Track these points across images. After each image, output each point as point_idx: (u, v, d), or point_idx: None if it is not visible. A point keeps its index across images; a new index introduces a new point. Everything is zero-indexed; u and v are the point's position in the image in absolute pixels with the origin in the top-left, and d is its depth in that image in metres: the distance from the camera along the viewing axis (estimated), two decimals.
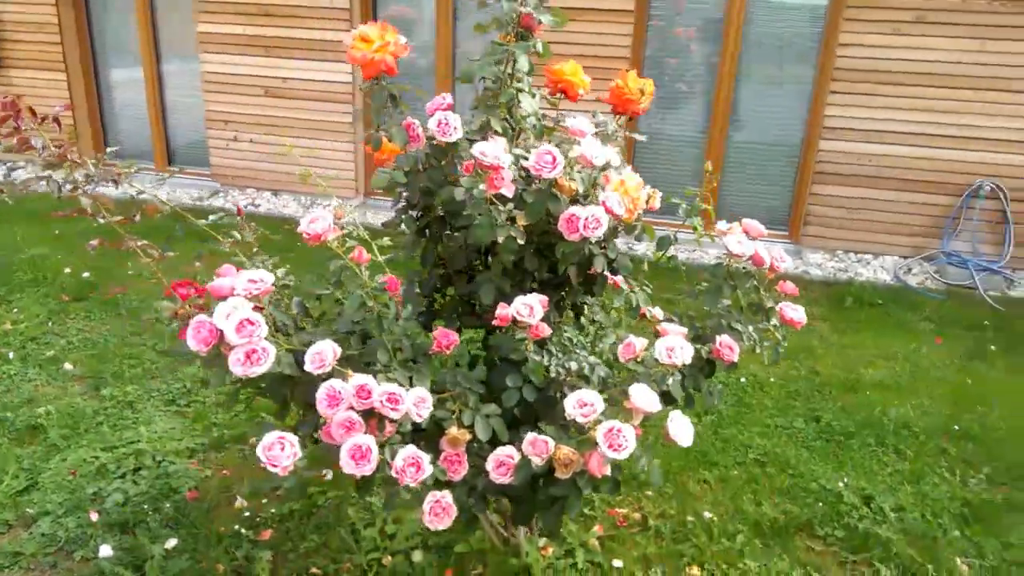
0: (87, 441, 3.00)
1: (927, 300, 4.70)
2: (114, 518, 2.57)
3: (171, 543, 2.47)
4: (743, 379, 3.59)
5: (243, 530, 2.54)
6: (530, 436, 1.50)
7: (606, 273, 1.93)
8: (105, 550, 2.42)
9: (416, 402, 1.46)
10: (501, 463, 1.56)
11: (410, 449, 1.43)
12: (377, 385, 1.42)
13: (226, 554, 2.43)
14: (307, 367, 1.46)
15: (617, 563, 2.42)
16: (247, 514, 2.61)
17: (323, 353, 1.45)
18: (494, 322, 1.64)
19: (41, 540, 2.49)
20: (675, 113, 5.63)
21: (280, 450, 1.36)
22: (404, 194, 1.87)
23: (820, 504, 2.75)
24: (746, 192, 5.58)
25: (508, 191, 1.59)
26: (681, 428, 1.55)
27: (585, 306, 2.03)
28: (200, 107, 6.41)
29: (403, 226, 1.88)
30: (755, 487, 2.85)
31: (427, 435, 1.64)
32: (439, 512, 1.54)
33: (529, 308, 1.58)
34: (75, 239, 5.20)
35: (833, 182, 5.26)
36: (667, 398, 1.73)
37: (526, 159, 1.65)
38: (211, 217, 1.96)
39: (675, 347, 1.56)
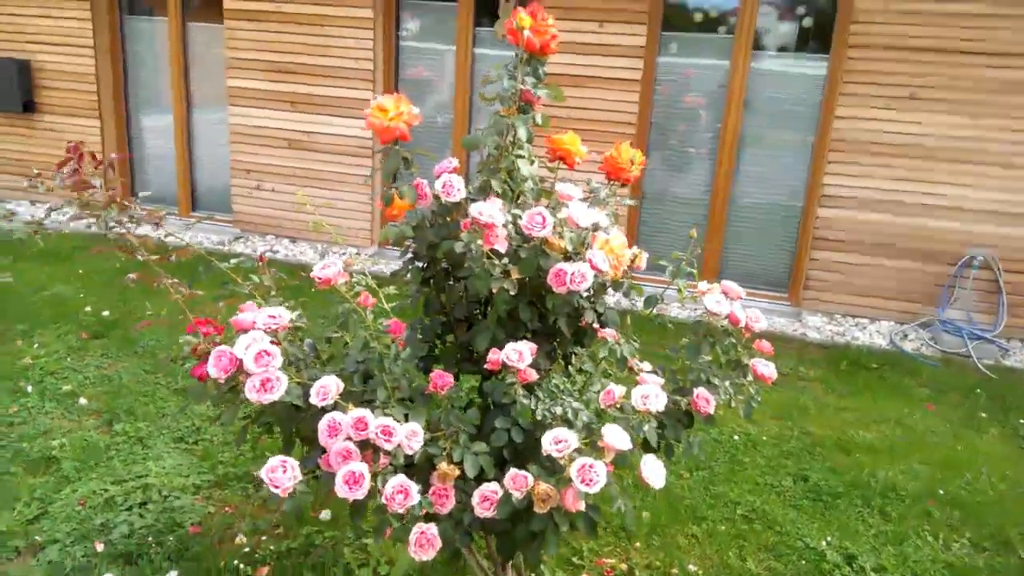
0: (98, 474, 3.12)
1: (922, 366, 4.79)
2: (119, 549, 2.67)
3: (172, 575, 2.56)
4: (736, 436, 3.68)
5: (241, 565, 2.63)
6: (512, 472, 1.62)
7: (595, 326, 2.07)
8: None
9: (408, 435, 1.59)
10: (485, 498, 1.67)
11: (400, 478, 1.55)
12: (374, 418, 1.55)
13: None
14: (312, 399, 1.60)
15: None
16: (246, 550, 2.71)
17: (327, 387, 1.59)
18: (486, 367, 1.77)
19: (48, 567, 2.59)
20: (680, 176, 5.84)
21: (282, 472, 1.49)
22: (411, 246, 2.04)
23: (803, 562, 2.81)
24: (748, 254, 5.74)
25: (502, 247, 1.75)
26: (654, 471, 1.66)
27: (574, 356, 2.16)
28: (225, 156, 6.70)
29: (409, 276, 2.04)
30: (741, 543, 2.92)
31: (418, 469, 1.76)
32: (424, 543, 1.65)
33: (519, 354, 1.72)
34: (97, 278, 5.41)
35: (832, 248, 5.41)
36: (647, 446, 1.85)
37: (521, 218, 1.81)
38: (232, 261, 2.12)
39: (649, 395, 1.69)
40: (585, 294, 1.90)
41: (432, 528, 1.64)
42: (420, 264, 2.09)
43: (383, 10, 6.05)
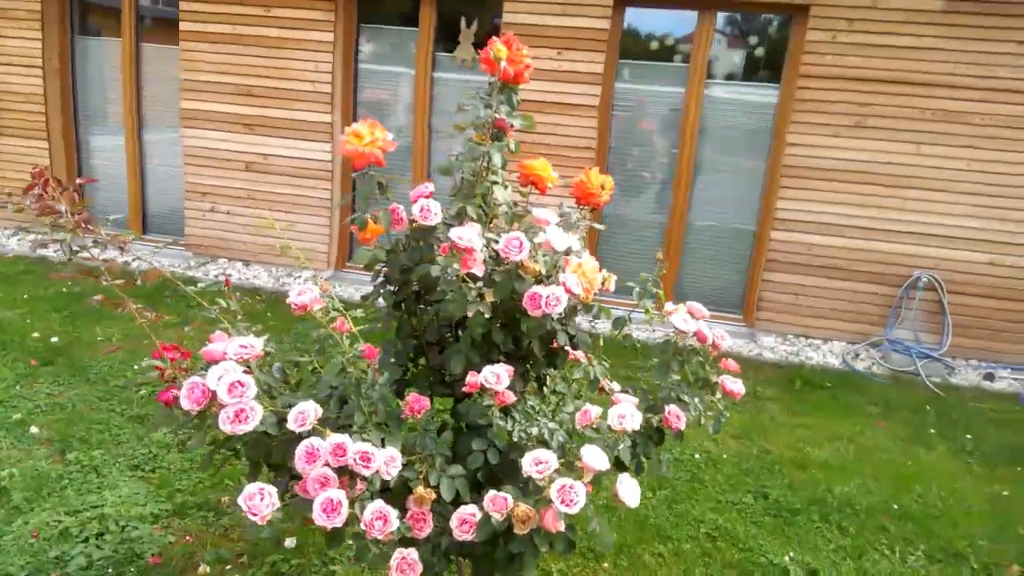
0: (50, 504, 3.01)
1: (873, 384, 4.95)
2: None
3: None
4: (697, 455, 3.74)
5: None
6: (491, 494, 1.63)
7: (567, 348, 2.10)
8: None
9: (387, 460, 1.58)
10: (464, 520, 1.67)
11: (378, 503, 1.54)
12: (352, 444, 1.55)
13: None
14: (290, 425, 1.59)
15: None
16: None
17: (306, 413, 1.58)
18: (464, 389, 1.78)
19: None
20: (638, 199, 5.96)
21: (260, 500, 1.47)
22: (383, 270, 2.04)
23: None
24: (703, 276, 5.87)
25: (479, 271, 1.77)
26: (629, 490, 1.69)
27: (547, 377, 2.19)
28: (179, 178, 6.59)
29: (381, 299, 2.04)
30: (707, 560, 2.96)
31: (394, 494, 1.76)
32: (405, 568, 1.64)
33: (496, 376, 1.74)
34: (45, 304, 5.25)
35: (784, 270, 5.57)
36: (620, 465, 1.88)
37: (496, 243, 1.83)
38: (200, 284, 2.10)
39: (626, 414, 1.72)
40: (557, 316, 1.93)
41: (412, 553, 1.64)
42: (392, 288, 2.09)
43: (343, 34, 6.07)
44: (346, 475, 1.57)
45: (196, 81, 6.30)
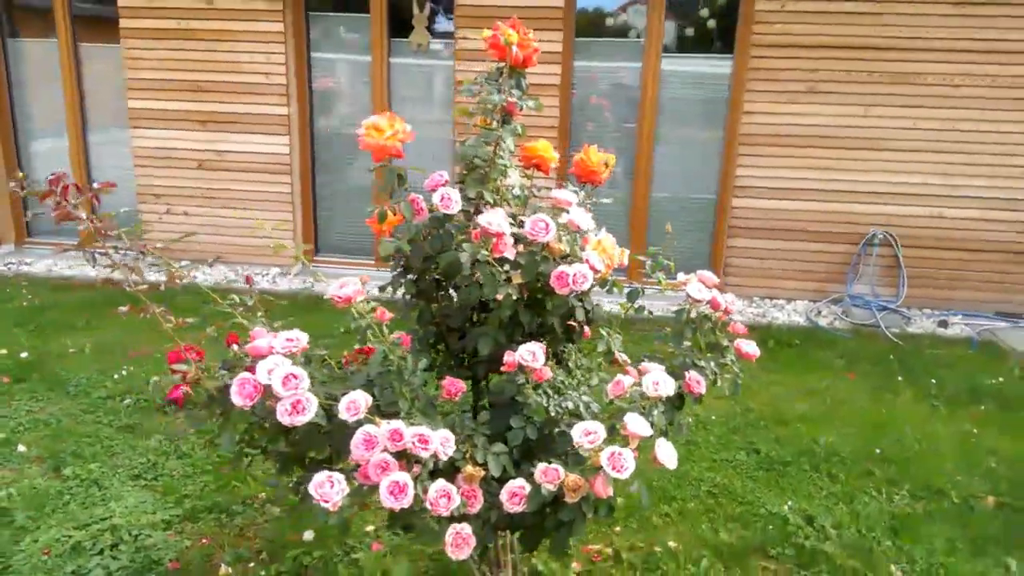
0: (56, 521, 2.96)
1: (837, 339, 5.18)
2: None
3: None
4: (689, 419, 3.88)
5: None
6: (541, 466, 1.70)
7: (583, 323, 2.17)
8: None
9: (442, 441, 1.64)
10: (514, 494, 1.74)
11: (441, 482, 1.60)
12: (407, 428, 1.60)
13: None
14: (341, 415, 1.62)
15: None
16: None
17: (357, 402, 1.62)
18: (503, 368, 1.84)
19: None
20: None
21: (330, 487, 1.51)
22: (403, 260, 2.08)
23: (770, 527, 3.02)
24: (670, 245, 6.01)
25: (510, 254, 1.82)
26: (667, 453, 1.78)
27: (564, 352, 2.26)
28: (130, 180, 6.41)
29: (403, 288, 2.08)
30: (711, 516, 3.10)
31: (441, 474, 1.81)
32: (460, 543, 1.70)
33: (532, 354, 1.80)
34: (4, 319, 5.08)
35: (746, 235, 5.76)
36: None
37: (518, 226, 1.89)
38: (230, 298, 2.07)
39: (660, 381, 1.81)
40: (578, 293, 2.00)
41: (466, 527, 1.70)
42: (412, 276, 2.13)
43: (293, 23, 5.97)
44: (403, 458, 1.61)
45: (142, 80, 6.13)
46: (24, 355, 4.49)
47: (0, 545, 2.80)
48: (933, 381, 4.48)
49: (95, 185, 1.89)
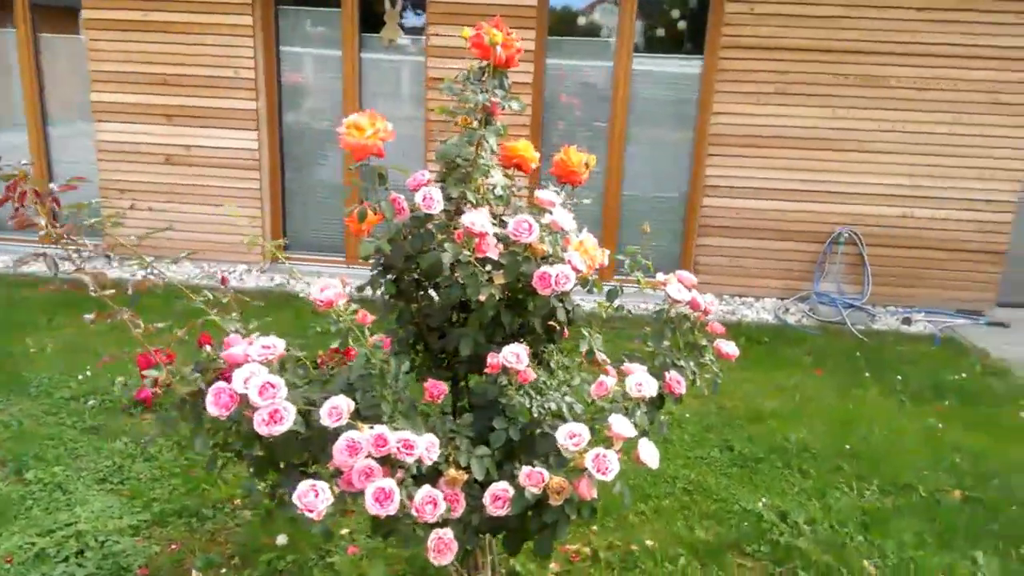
0: (19, 527, 2.87)
1: (805, 336, 5.26)
2: None
3: None
4: (664, 417, 3.90)
5: None
6: (526, 470, 1.69)
7: (563, 323, 2.17)
8: None
9: (427, 447, 1.62)
10: (497, 497, 1.73)
11: (427, 489, 1.58)
12: (392, 433, 1.58)
13: None
14: (323, 420, 1.59)
15: None
16: None
17: (339, 407, 1.59)
18: (486, 369, 1.83)
19: None
20: None
21: (314, 496, 1.48)
22: (382, 260, 2.05)
23: (744, 524, 3.05)
24: (646, 244, 6.05)
25: (493, 254, 1.81)
26: (650, 452, 1.78)
27: (544, 353, 2.25)
28: (93, 175, 6.24)
29: (383, 288, 2.05)
30: (686, 514, 3.12)
31: (424, 479, 1.79)
32: (442, 549, 1.68)
33: (516, 356, 1.79)
34: None
35: (716, 233, 5.82)
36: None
37: (501, 226, 1.88)
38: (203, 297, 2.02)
39: (643, 382, 1.81)
40: (560, 294, 1.99)
41: (448, 532, 1.68)
42: (391, 277, 2.10)
43: (262, 17, 5.87)
44: (387, 464, 1.59)
45: (106, 72, 5.97)
46: None
47: None
48: (899, 377, 4.57)
49: (54, 188, 1.83)
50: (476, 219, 1.75)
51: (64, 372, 4.16)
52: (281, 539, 2.84)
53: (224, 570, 2.70)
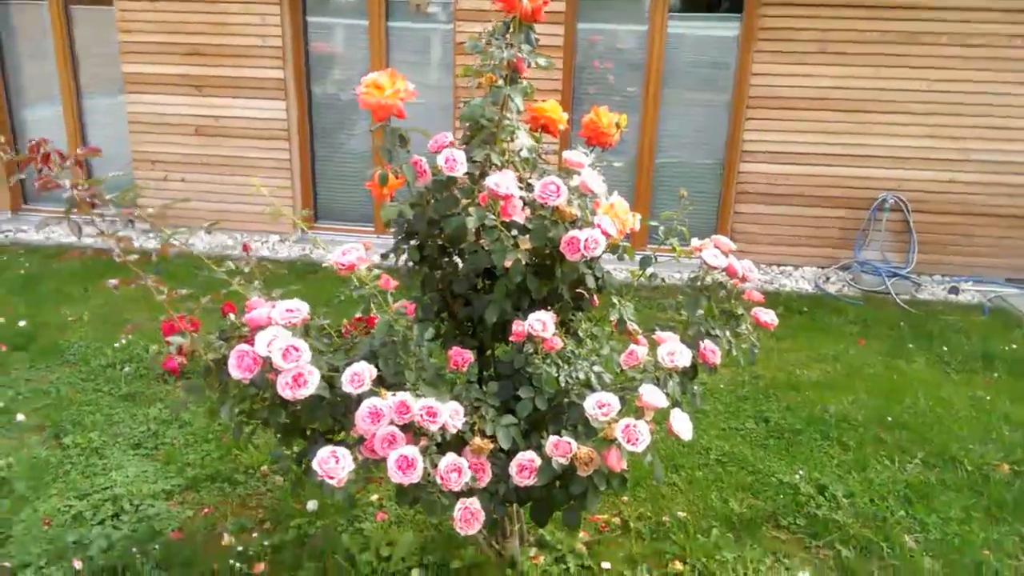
0: (57, 490, 2.93)
1: (847, 306, 5.11)
2: (100, 564, 2.53)
3: None
4: (697, 387, 3.82)
5: (237, 564, 2.55)
6: (553, 439, 1.64)
7: (592, 290, 2.10)
8: None
9: (451, 414, 1.58)
10: (523, 467, 1.68)
11: (451, 457, 1.54)
12: (415, 401, 1.53)
13: None
14: (344, 387, 1.56)
15: (605, 565, 2.57)
16: (239, 549, 2.62)
17: (361, 373, 1.55)
18: (511, 337, 1.77)
19: None
20: None
21: (335, 463, 1.45)
22: (405, 225, 1.99)
23: (781, 496, 2.98)
24: (682, 210, 5.92)
25: (520, 218, 1.74)
26: (682, 423, 1.72)
27: (572, 321, 2.19)
28: (126, 147, 6.29)
29: (407, 255, 2.00)
30: (720, 485, 3.06)
31: (448, 447, 1.75)
32: (469, 519, 1.65)
33: (543, 324, 1.73)
34: (0, 287, 5.02)
35: (754, 200, 5.65)
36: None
37: (527, 189, 1.80)
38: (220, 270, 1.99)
39: (676, 351, 1.74)
40: (589, 259, 1.92)
41: (475, 502, 1.64)
42: (415, 243, 2.05)
43: None
44: (410, 431, 1.55)
45: (136, 43, 5.97)
46: (22, 324, 4.43)
47: (1, 515, 2.76)
48: (945, 348, 4.41)
49: (79, 151, 1.80)
50: (501, 181, 1.68)
51: (100, 340, 4.21)
52: (311, 505, 2.85)
53: (255, 534, 2.72)
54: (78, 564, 2.52)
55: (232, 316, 1.90)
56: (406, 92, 1.76)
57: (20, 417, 3.44)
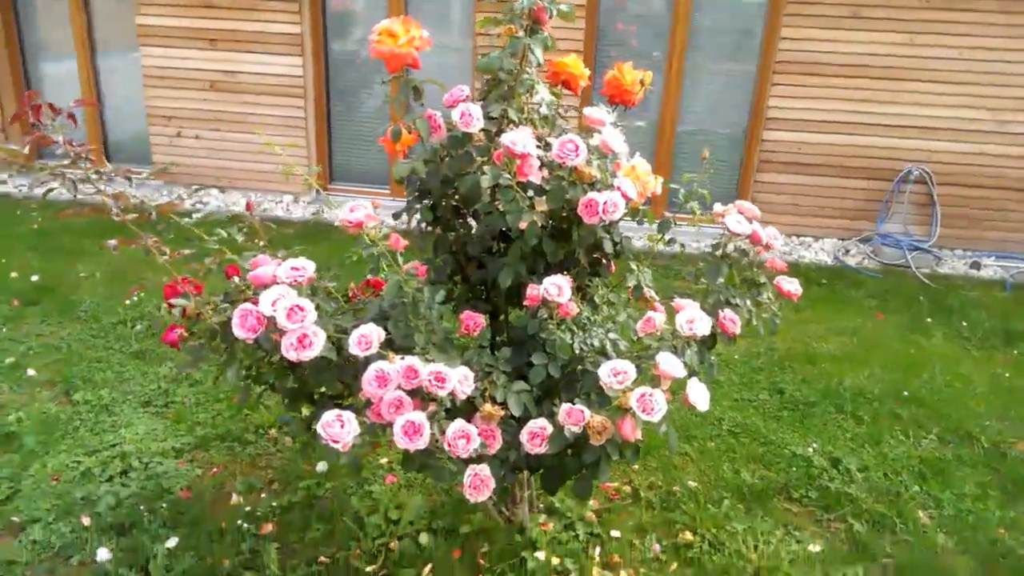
0: (66, 446, 2.93)
1: (866, 279, 5.01)
2: (108, 521, 2.53)
3: (172, 542, 2.45)
4: (714, 357, 3.77)
5: (245, 524, 2.54)
6: (565, 407, 1.60)
7: (610, 255, 2.03)
8: (103, 553, 2.39)
9: (461, 380, 1.53)
10: (535, 435, 1.64)
11: (459, 423, 1.50)
12: (423, 365, 1.49)
13: (231, 547, 2.44)
14: (352, 349, 1.51)
15: (615, 533, 2.54)
16: (247, 509, 2.62)
17: (368, 336, 1.50)
18: (525, 302, 1.72)
19: (34, 547, 2.43)
20: None
21: (340, 427, 1.41)
22: (418, 183, 1.93)
23: (793, 469, 2.94)
24: (695, 178, 5.80)
25: (536, 178, 1.67)
26: (699, 393, 1.67)
27: (588, 287, 2.13)
28: (140, 103, 6.22)
29: (419, 215, 1.94)
30: (732, 456, 3.02)
31: (458, 413, 1.71)
32: (478, 485, 1.61)
33: (558, 288, 1.67)
34: (16, 243, 5.01)
35: (776, 169, 5.53)
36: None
37: (545, 148, 1.73)
38: (195, 215, 1.94)
39: (695, 319, 1.68)
40: (608, 223, 1.85)
41: (485, 469, 1.61)
42: (428, 202, 1.99)
43: None
44: (418, 396, 1.51)
45: None
46: (35, 279, 4.43)
47: (9, 470, 2.77)
48: (964, 323, 4.32)
49: (70, 104, 1.73)
50: (518, 138, 1.61)
51: (111, 297, 4.20)
52: (321, 466, 2.83)
53: (264, 495, 2.72)
54: (86, 520, 2.52)
55: (236, 279, 1.86)
56: (421, 40, 1.69)
57: (31, 372, 3.44)
